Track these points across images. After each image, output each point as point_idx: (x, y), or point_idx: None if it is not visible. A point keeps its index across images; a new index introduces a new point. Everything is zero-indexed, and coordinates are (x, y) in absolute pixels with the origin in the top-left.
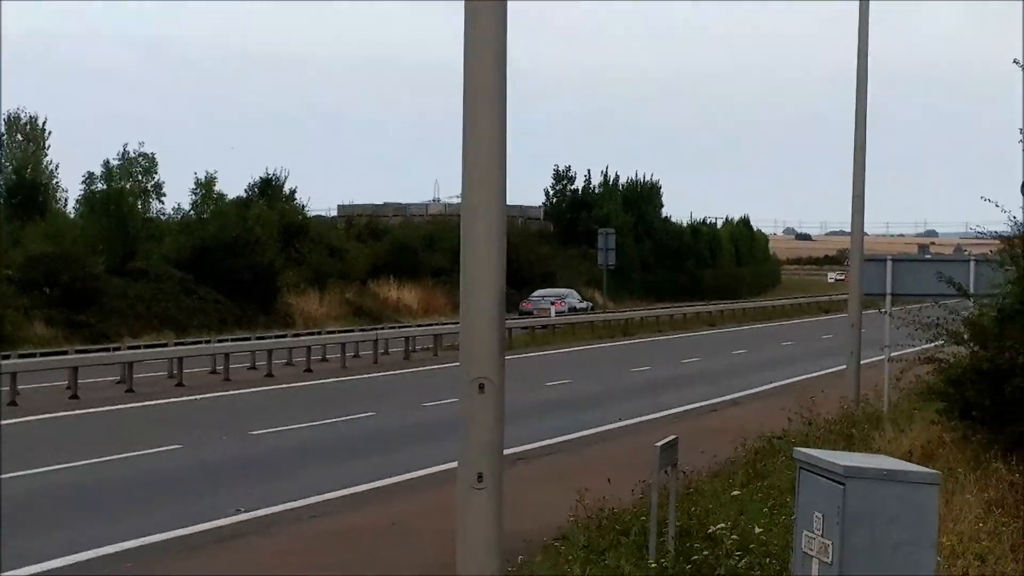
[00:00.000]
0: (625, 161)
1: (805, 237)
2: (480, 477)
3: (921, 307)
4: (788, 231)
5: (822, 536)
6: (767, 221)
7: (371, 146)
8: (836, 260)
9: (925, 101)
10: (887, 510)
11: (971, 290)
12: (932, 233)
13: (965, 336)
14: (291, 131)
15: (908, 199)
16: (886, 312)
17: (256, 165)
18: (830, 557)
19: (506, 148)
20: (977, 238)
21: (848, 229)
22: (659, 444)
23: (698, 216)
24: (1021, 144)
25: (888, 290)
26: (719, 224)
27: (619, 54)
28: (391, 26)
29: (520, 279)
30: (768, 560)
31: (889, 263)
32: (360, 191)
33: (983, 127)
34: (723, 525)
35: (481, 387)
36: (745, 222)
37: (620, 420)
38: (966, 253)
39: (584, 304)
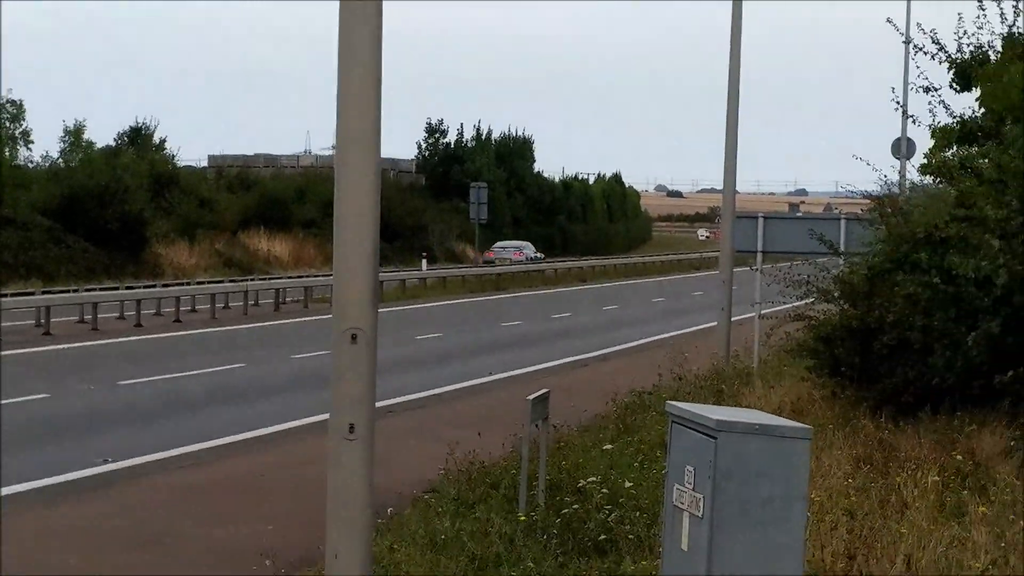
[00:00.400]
0: (498, 116)
1: (676, 194)
2: (352, 428)
3: (792, 264)
4: (660, 188)
5: (693, 490)
6: (639, 178)
7: (242, 96)
8: (707, 218)
9: (798, 60)
10: (758, 464)
11: (842, 248)
12: (802, 192)
13: (835, 294)
14: (161, 79)
15: (779, 158)
16: (757, 269)
17: (126, 114)
18: (701, 511)
19: (380, 99)
20: (847, 197)
21: (719, 187)
22: (530, 398)
23: (570, 172)
24: (897, 106)
25: (759, 247)
26: (591, 180)
27: (491, 12)
28: None
29: (391, 232)
30: (638, 514)
31: (760, 220)
32: (231, 142)
33: (853, 88)
34: (593, 479)
35: (354, 337)
36: (617, 178)
37: (491, 374)
38: (836, 212)
39: (539, 255)
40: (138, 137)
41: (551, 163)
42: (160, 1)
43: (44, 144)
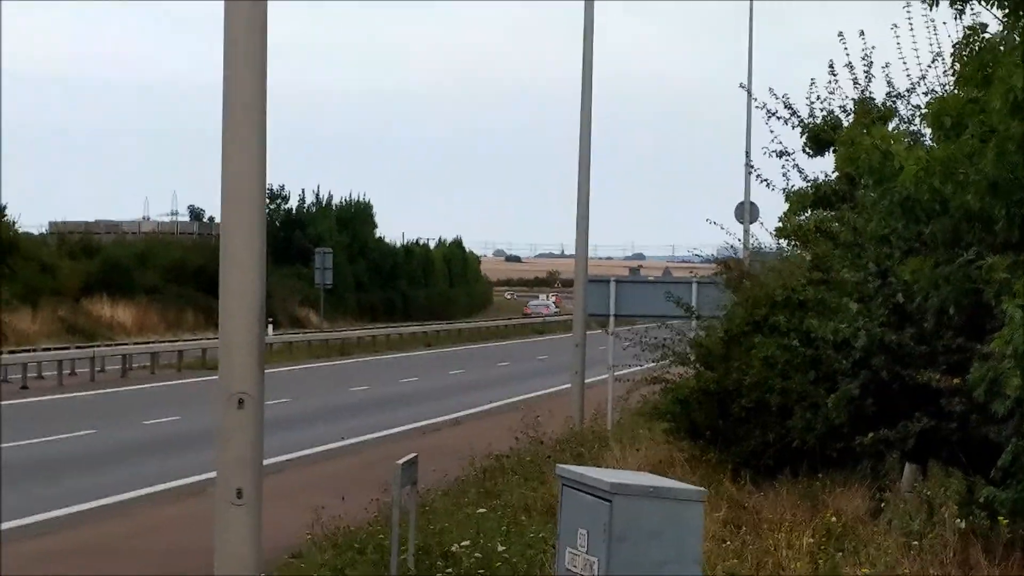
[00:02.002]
0: (338, 181)
1: (515, 259)
2: (239, 493)
3: (647, 328)
4: (498, 252)
5: (587, 553)
6: (478, 242)
7: (83, 162)
8: (546, 282)
9: (632, 123)
10: (652, 526)
11: (680, 313)
12: (640, 256)
13: (691, 357)
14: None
15: (614, 222)
16: (612, 333)
17: None
18: (595, 574)
19: (266, 163)
20: (683, 262)
21: (557, 251)
22: (400, 462)
23: (411, 237)
24: (752, 168)
25: (611, 311)
26: (432, 245)
27: (328, 72)
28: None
29: None
30: None
31: (613, 284)
32: (71, 208)
33: (688, 153)
34: (466, 543)
35: (240, 402)
36: (458, 243)
37: (343, 439)
38: (692, 275)
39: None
40: None
41: (391, 227)
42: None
43: None
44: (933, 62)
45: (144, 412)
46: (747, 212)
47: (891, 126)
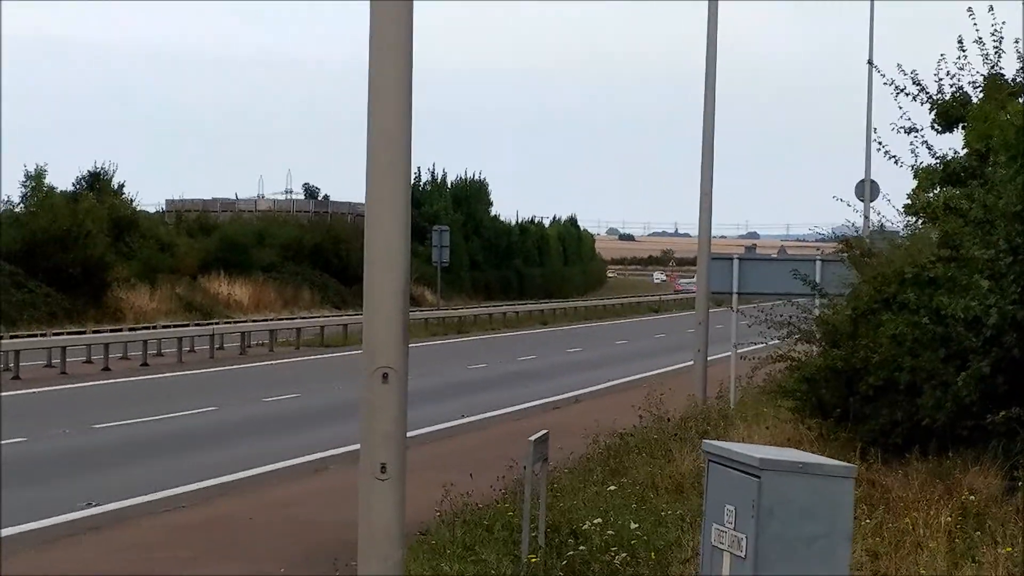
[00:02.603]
0: (454, 158)
1: (628, 238)
2: (383, 468)
3: (773, 305)
4: (612, 232)
5: (734, 530)
6: (591, 221)
7: (197, 141)
8: (660, 261)
9: (750, 103)
10: (802, 503)
11: (809, 290)
12: (754, 235)
13: (817, 335)
14: (119, 124)
15: (728, 200)
16: (735, 311)
17: (85, 158)
18: (743, 551)
19: (411, 139)
20: (797, 240)
21: (671, 231)
22: (532, 439)
23: (525, 215)
24: (879, 146)
25: (734, 288)
26: (547, 224)
27: (444, 49)
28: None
29: (351, 275)
30: (653, 555)
31: (736, 262)
32: (187, 187)
33: (804, 131)
34: (598, 521)
35: (385, 376)
36: (572, 222)
37: (463, 417)
38: (818, 253)
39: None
40: (97, 182)
41: (506, 206)
42: (115, 42)
43: (6, 188)
44: None
45: (264, 389)
46: (867, 189)
47: (1021, 101)
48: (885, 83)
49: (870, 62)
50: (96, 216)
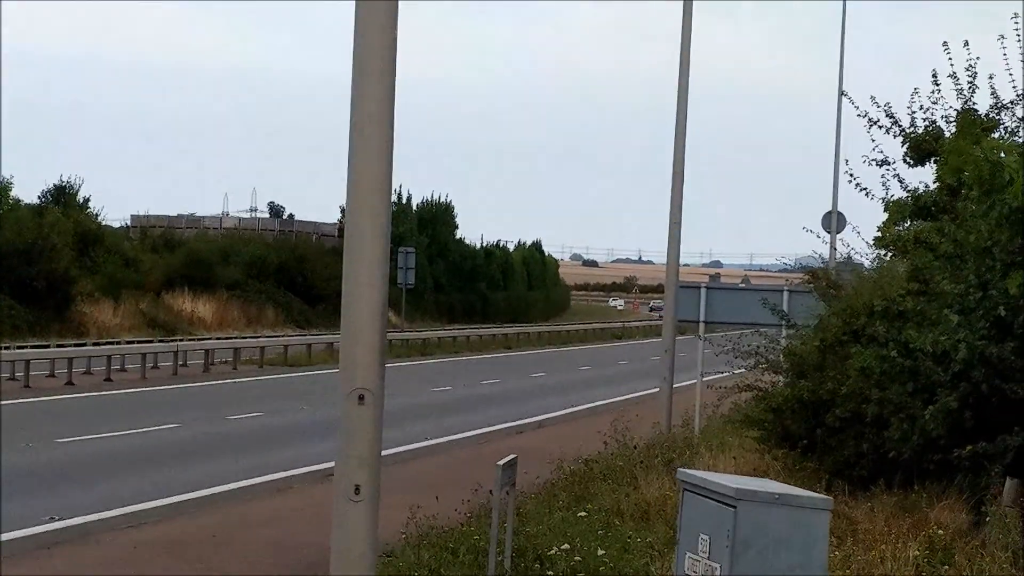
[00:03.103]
0: (420, 180)
1: (592, 263)
2: (357, 489)
3: (742, 334)
4: (575, 257)
5: (708, 559)
6: (555, 246)
7: (162, 156)
8: (623, 287)
9: (714, 131)
10: (778, 533)
11: (776, 320)
12: (717, 264)
13: (784, 366)
14: (83, 137)
15: (693, 229)
16: (703, 339)
17: (50, 171)
18: None
19: (392, 156)
20: (761, 270)
21: (634, 257)
22: (500, 463)
23: (491, 239)
24: (851, 178)
25: (701, 317)
26: (511, 248)
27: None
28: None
29: (314, 296)
30: None
31: (703, 291)
32: (152, 203)
33: (768, 161)
34: (565, 546)
35: (361, 398)
36: (537, 246)
37: (427, 439)
38: (786, 284)
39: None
40: (62, 196)
41: (471, 229)
42: (75, 54)
43: None
44: None
45: (228, 407)
46: (834, 221)
47: (995, 137)
48: (859, 115)
49: (841, 93)
50: (62, 230)
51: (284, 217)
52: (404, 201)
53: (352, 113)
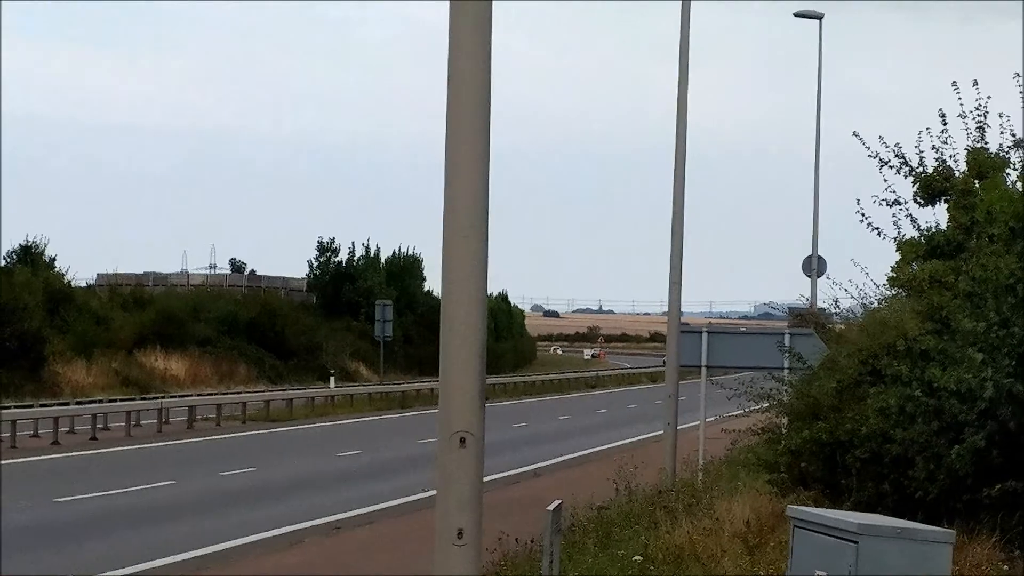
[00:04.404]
0: (388, 234)
1: (553, 314)
2: (460, 533)
3: (753, 378)
4: (536, 308)
5: None
6: (515, 297)
7: (121, 213)
8: (587, 337)
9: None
10: (899, 568)
11: (786, 362)
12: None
13: (800, 407)
14: (45, 196)
15: (652, 278)
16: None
17: (13, 231)
18: None
19: (488, 202)
20: (720, 318)
21: (594, 307)
22: (549, 508)
23: None
24: (863, 218)
25: (703, 361)
26: None
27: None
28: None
29: (286, 351)
30: None
31: (705, 335)
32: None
33: (742, 206)
34: None
35: (463, 441)
36: (503, 297)
37: (424, 490)
38: (786, 328)
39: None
40: (28, 255)
41: (439, 282)
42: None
43: None
44: None
45: (218, 463)
46: (815, 265)
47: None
48: (870, 155)
49: (819, 141)
50: (32, 289)
51: (246, 273)
52: (372, 255)
53: (446, 169)
